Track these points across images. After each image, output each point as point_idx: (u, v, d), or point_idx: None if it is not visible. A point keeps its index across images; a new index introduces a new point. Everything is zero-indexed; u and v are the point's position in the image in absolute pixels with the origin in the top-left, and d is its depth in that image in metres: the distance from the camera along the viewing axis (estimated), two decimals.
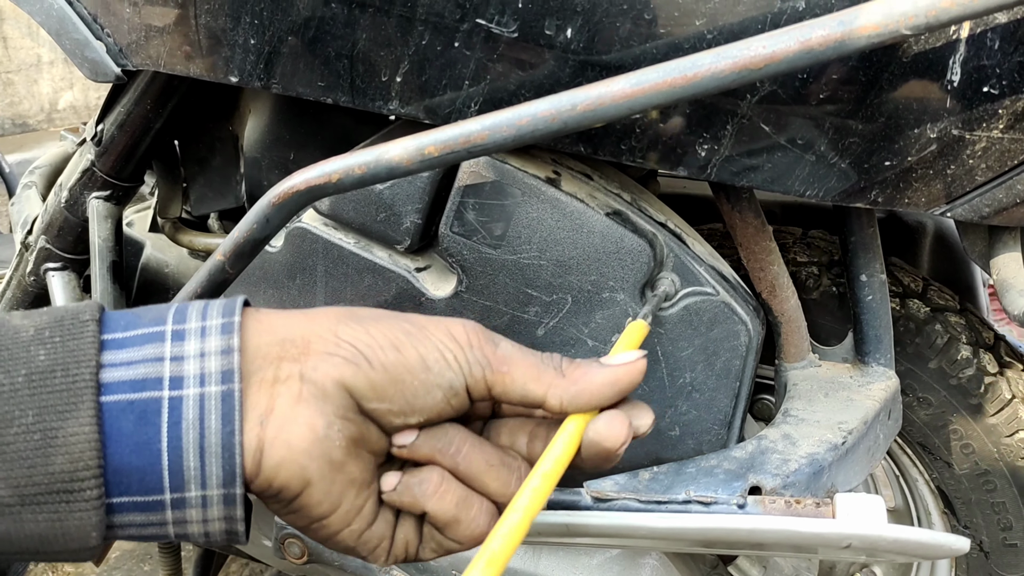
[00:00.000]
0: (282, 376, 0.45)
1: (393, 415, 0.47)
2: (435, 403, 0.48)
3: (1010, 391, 0.96)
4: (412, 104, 0.73)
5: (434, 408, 0.48)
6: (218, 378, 0.43)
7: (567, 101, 0.60)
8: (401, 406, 0.47)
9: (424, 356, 0.48)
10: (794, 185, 0.71)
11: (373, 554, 0.51)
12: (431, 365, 0.48)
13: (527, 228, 0.75)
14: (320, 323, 0.48)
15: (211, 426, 0.43)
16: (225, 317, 0.45)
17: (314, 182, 0.67)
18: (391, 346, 0.47)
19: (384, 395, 0.47)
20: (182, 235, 1.06)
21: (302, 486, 0.45)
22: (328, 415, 0.45)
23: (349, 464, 0.47)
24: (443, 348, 0.49)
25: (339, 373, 0.46)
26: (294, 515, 0.48)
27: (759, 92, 0.66)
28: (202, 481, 0.43)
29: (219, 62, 0.76)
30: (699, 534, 0.63)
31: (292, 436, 0.44)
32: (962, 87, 0.64)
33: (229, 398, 0.43)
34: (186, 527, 0.44)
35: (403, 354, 0.47)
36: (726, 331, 0.78)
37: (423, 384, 0.47)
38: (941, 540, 0.58)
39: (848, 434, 0.78)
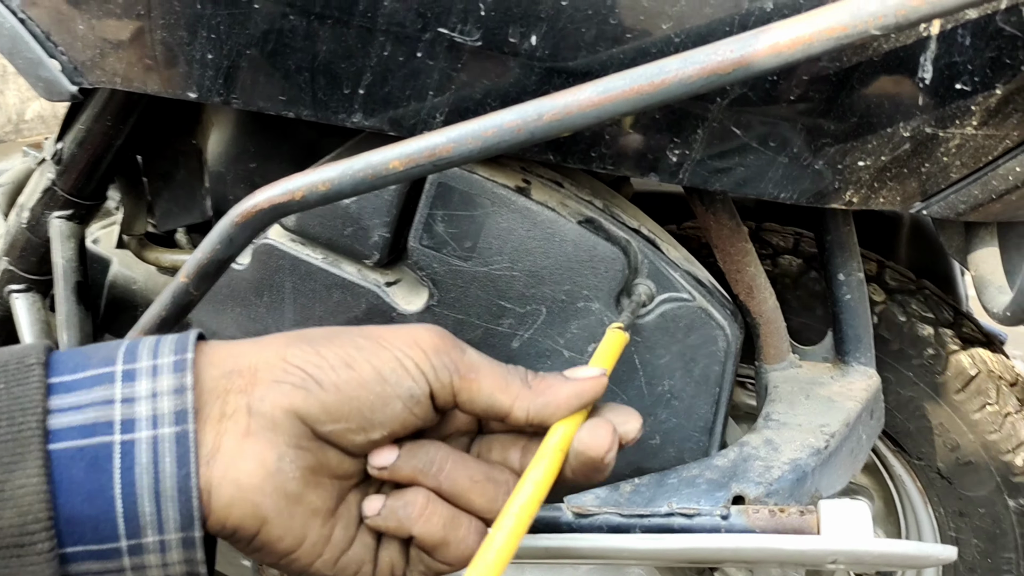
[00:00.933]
0: (228, 411, 0.44)
1: (352, 433, 0.46)
2: (396, 414, 0.46)
3: (975, 366, 0.95)
4: (376, 116, 0.71)
5: (396, 420, 0.46)
6: (171, 419, 0.42)
7: (533, 111, 0.59)
8: (359, 423, 0.46)
9: (379, 368, 0.46)
10: (768, 187, 0.69)
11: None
12: (387, 376, 0.46)
13: (498, 239, 0.73)
14: (268, 350, 0.46)
15: (166, 469, 0.41)
16: (177, 354, 0.43)
17: (277, 200, 0.65)
18: (343, 364, 0.46)
19: (339, 415, 0.45)
20: (148, 252, 1.04)
21: (258, 524, 0.44)
22: (279, 447, 0.44)
23: (308, 494, 0.45)
24: (402, 357, 0.47)
25: (288, 401, 0.44)
26: (259, 553, 0.46)
27: (729, 95, 0.65)
28: (159, 526, 0.41)
29: (177, 78, 0.74)
30: (682, 554, 0.62)
31: (240, 474, 0.43)
32: (934, 85, 0.63)
33: (184, 439, 0.41)
34: (145, 572, 0.42)
35: (356, 370, 0.46)
36: (704, 337, 0.76)
37: (379, 397, 0.46)
38: (928, 551, 0.57)
39: (831, 437, 0.77)
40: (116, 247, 1.10)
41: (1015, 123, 0.64)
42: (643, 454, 0.80)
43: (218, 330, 0.85)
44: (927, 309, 0.97)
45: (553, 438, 0.48)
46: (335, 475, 0.47)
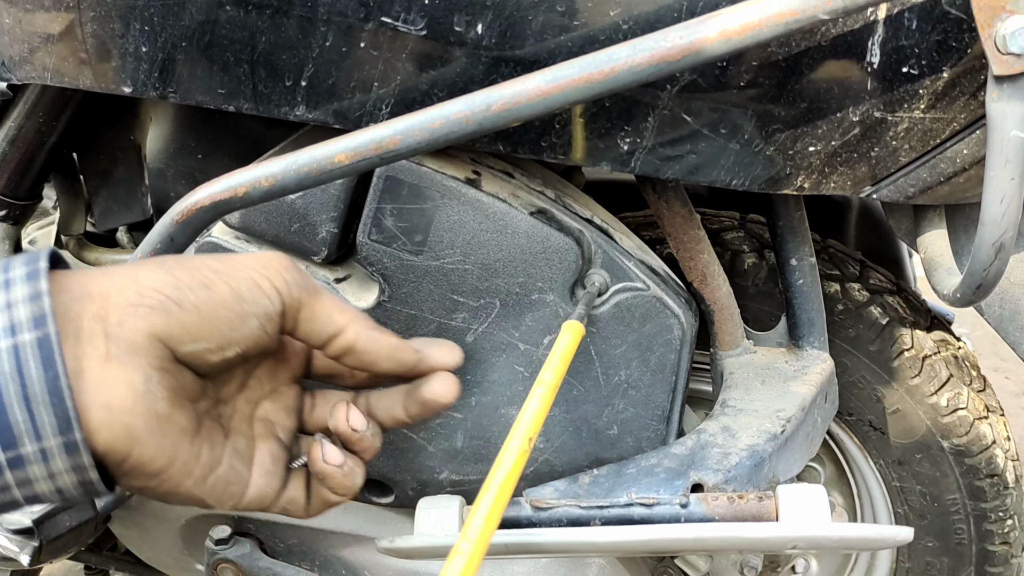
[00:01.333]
0: (84, 336, 0.43)
1: (210, 353, 0.47)
2: (251, 332, 0.48)
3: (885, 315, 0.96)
4: (320, 109, 0.69)
5: (251, 338, 0.48)
6: (30, 325, 0.41)
7: (481, 101, 0.58)
8: (218, 342, 0.47)
9: (236, 288, 0.48)
10: (719, 175, 0.69)
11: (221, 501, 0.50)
12: (244, 295, 0.48)
13: (449, 232, 0.72)
14: (119, 275, 0.46)
15: (32, 375, 0.40)
16: (29, 266, 0.43)
17: (219, 197, 0.63)
18: (200, 285, 0.47)
19: (200, 335, 0.46)
20: (88, 252, 1.01)
21: (129, 445, 0.44)
22: (144, 369, 0.44)
23: (175, 414, 0.46)
24: (258, 276, 0.49)
25: (148, 324, 0.44)
26: (127, 477, 0.46)
27: (679, 82, 0.64)
28: (35, 433, 0.41)
29: (110, 72, 0.71)
30: (642, 545, 0.62)
31: (111, 397, 0.42)
32: (882, 69, 0.63)
33: (46, 343, 0.41)
34: (32, 487, 0.42)
35: (214, 290, 0.47)
36: (659, 325, 0.76)
37: (238, 315, 0.47)
38: (885, 533, 0.57)
39: (787, 422, 0.77)
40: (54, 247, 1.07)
41: (961, 106, 0.65)
42: (601, 444, 0.80)
43: None
44: (832, 266, 0.98)
45: None
46: (191, 397, 0.48)
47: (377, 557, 0.93)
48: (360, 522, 0.94)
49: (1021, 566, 1.01)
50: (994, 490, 0.97)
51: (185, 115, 0.88)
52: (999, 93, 0.57)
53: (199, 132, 0.88)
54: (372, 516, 0.94)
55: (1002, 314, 0.81)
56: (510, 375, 0.77)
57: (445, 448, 0.81)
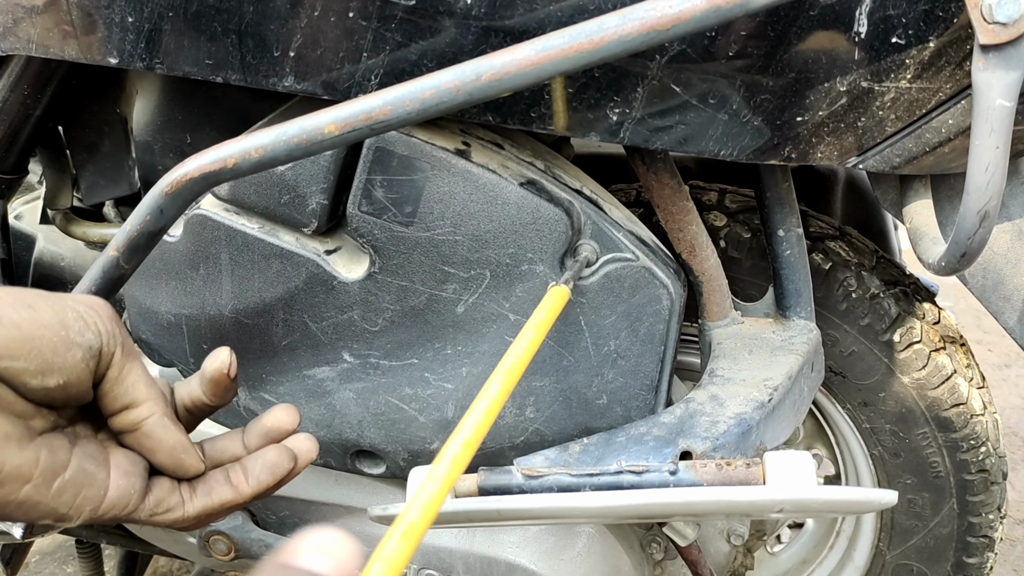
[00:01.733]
0: None
1: (30, 376, 0.46)
2: (75, 363, 0.47)
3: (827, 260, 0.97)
4: (309, 80, 0.69)
5: (74, 369, 0.47)
6: None
7: (471, 71, 0.58)
8: (38, 364, 0.46)
9: (61, 315, 0.47)
10: (708, 145, 0.69)
11: (75, 508, 0.49)
12: (70, 324, 0.47)
13: (439, 203, 0.72)
14: None
15: None
16: None
17: (208, 168, 0.63)
18: (23, 305, 0.46)
19: (18, 353, 0.45)
20: (75, 226, 1.00)
21: None
22: None
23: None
24: (84, 312, 0.48)
25: None
26: None
27: (668, 52, 0.64)
28: None
29: (96, 43, 0.71)
30: (632, 510, 0.63)
31: None
32: (869, 38, 0.63)
33: None
34: None
35: (37, 311, 0.46)
36: (648, 296, 0.77)
37: (62, 341, 0.46)
38: (871, 496, 0.58)
39: (774, 391, 0.78)
40: (41, 222, 1.06)
41: (947, 76, 0.65)
42: (591, 414, 0.80)
43: (153, 305, 0.82)
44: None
45: None
46: (15, 412, 0.47)
47: (369, 528, 0.94)
48: (352, 493, 0.95)
49: (1003, 492, 1.02)
50: (961, 419, 0.98)
51: (172, 87, 0.87)
52: (985, 62, 0.58)
53: (186, 105, 0.87)
54: (363, 487, 0.95)
55: (985, 284, 0.82)
56: (500, 345, 0.77)
57: (436, 418, 0.81)
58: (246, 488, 0.57)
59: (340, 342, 0.79)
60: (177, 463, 0.54)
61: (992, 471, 1.00)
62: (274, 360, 0.82)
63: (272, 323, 0.79)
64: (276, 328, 0.80)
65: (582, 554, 0.88)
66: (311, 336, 0.79)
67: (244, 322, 0.80)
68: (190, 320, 0.81)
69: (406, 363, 0.79)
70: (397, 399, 0.81)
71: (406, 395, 0.81)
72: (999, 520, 1.03)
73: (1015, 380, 2.44)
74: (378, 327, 0.78)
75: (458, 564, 0.90)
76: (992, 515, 1.02)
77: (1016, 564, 1.69)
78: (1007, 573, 1.67)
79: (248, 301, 0.78)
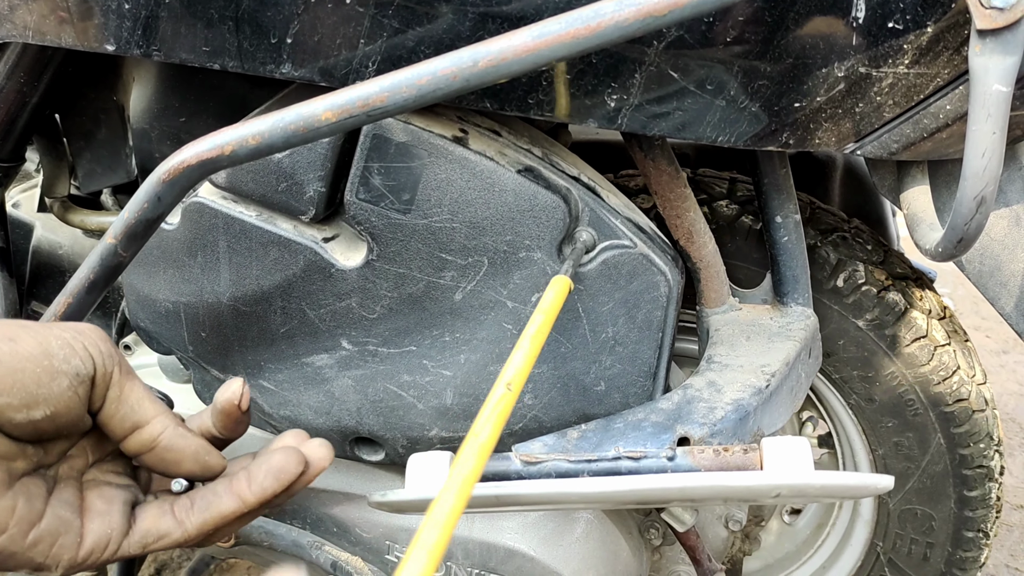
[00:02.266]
0: None
1: (13, 410, 0.45)
2: (61, 392, 0.46)
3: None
4: (306, 66, 0.69)
5: (60, 398, 0.46)
6: None
7: (468, 58, 0.58)
8: (22, 398, 0.45)
9: (45, 344, 0.46)
10: (706, 131, 0.69)
11: (52, 557, 0.47)
12: (54, 352, 0.46)
13: (437, 190, 0.72)
14: None
15: None
16: None
17: (206, 156, 0.63)
18: (4, 338, 0.45)
19: (1, 388, 0.44)
20: (73, 214, 1.00)
21: None
22: None
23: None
24: (71, 338, 0.47)
25: None
26: None
27: (666, 38, 0.64)
28: None
29: (93, 30, 0.71)
30: (629, 496, 0.63)
31: None
32: (867, 24, 0.63)
33: None
34: None
35: (19, 344, 0.45)
36: (646, 283, 0.77)
37: (46, 371, 0.45)
38: (867, 481, 0.58)
39: (771, 377, 0.78)
40: (38, 211, 1.06)
41: (945, 61, 0.65)
42: (589, 400, 0.81)
43: (151, 293, 0.83)
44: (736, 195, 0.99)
45: None
46: (0, 454, 0.46)
47: (367, 514, 0.94)
48: (351, 480, 0.95)
49: (991, 421, 1.01)
50: (925, 352, 0.97)
51: (169, 75, 0.87)
52: (982, 47, 0.58)
53: (183, 92, 0.87)
54: (362, 474, 0.95)
55: (982, 270, 0.82)
56: (498, 332, 0.77)
57: (435, 405, 0.82)
58: (249, 496, 0.53)
59: (338, 329, 0.79)
60: (204, 467, 0.53)
61: (971, 399, 0.99)
62: (272, 348, 0.82)
63: (270, 311, 0.79)
64: (274, 316, 0.80)
65: (580, 540, 0.89)
66: (309, 324, 0.79)
67: (242, 310, 0.80)
68: (188, 308, 0.81)
69: (404, 350, 0.80)
70: (395, 386, 0.81)
71: (404, 382, 0.81)
72: (994, 449, 1.03)
73: (1012, 367, 2.44)
74: (376, 314, 0.78)
75: (457, 550, 0.90)
76: (983, 444, 1.01)
77: (1013, 549, 1.70)
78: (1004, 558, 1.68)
79: (246, 289, 0.78)
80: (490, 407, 0.50)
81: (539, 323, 0.60)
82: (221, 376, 0.85)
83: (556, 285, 0.67)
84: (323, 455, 0.58)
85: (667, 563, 1.02)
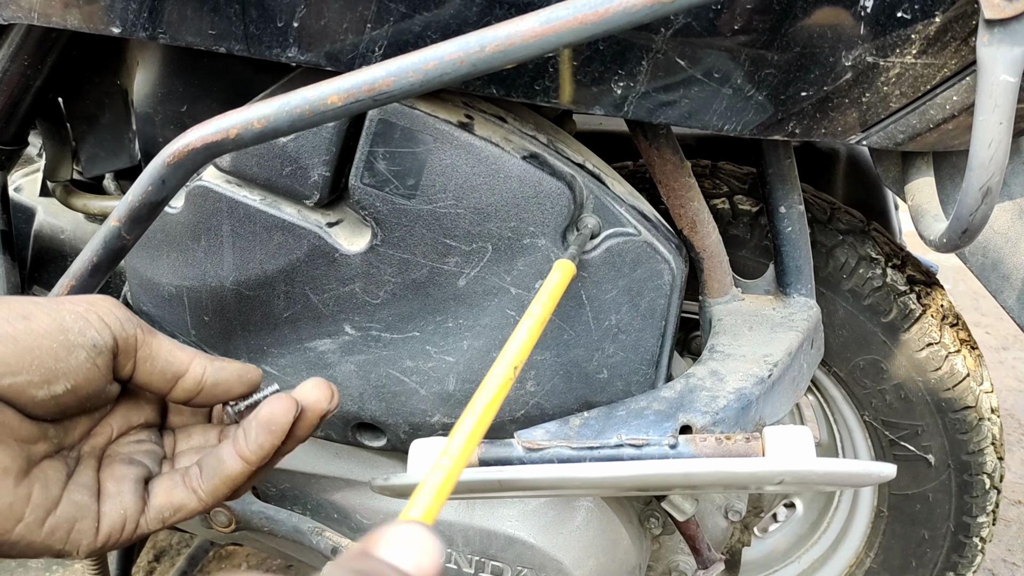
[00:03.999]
0: None
1: (34, 387, 0.44)
2: (79, 364, 0.46)
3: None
4: (312, 51, 0.69)
5: (79, 371, 0.46)
6: None
7: (475, 42, 0.57)
8: (41, 374, 0.45)
9: (59, 319, 0.46)
10: (712, 120, 0.69)
11: (71, 543, 0.47)
12: (69, 326, 0.46)
13: (441, 176, 0.72)
14: None
15: None
16: None
17: (211, 139, 0.63)
18: (18, 316, 0.45)
19: (18, 367, 0.44)
20: (75, 199, 1.00)
21: None
22: None
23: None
24: (85, 311, 0.47)
25: None
26: None
27: (673, 25, 0.64)
28: None
29: (98, 12, 0.70)
30: (632, 481, 0.63)
31: None
32: (875, 13, 0.63)
33: None
34: None
35: (33, 321, 0.45)
36: (649, 271, 0.77)
37: (62, 345, 0.45)
38: (870, 469, 0.58)
39: (774, 366, 0.78)
40: (40, 195, 1.06)
41: (952, 51, 0.65)
42: (591, 387, 0.81)
43: (154, 277, 0.83)
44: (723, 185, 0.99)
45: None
46: (18, 437, 0.45)
47: (368, 500, 0.94)
48: (352, 466, 0.95)
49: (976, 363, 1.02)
50: (900, 317, 0.98)
51: (173, 58, 0.87)
52: (990, 37, 0.58)
53: (187, 76, 0.87)
54: (364, 460, 0.95)
55: (984, 263, 0.82)
56: (501, 319, 0.77)
57: (437, 391, 0.82)
58: (250, 455, 0.52)
59: (341, 314, 0.79)
60: (250, 384, 0.53)
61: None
62: (275, 332, 0.82)
63: (273, 295, 0.79)
64: (277, 300, 0.80)
65: (581, 528, 0.89)
66: (312, 308, 0.79)
67: (245, 294, 0.80)
68: (191, 292, 0.81)
69: (407, 336, 0.80)
70: (398, 372, 0.81)
71: (407, 368, 0.81)
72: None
73: (1012, 363, 2.45)
74: (379, 300, 0.78)
75: (457, 537, 0.91)
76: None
77: (1011, 544, 1.71)
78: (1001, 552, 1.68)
79: (250, 273, 0.78)
80: (493, 386, 0.51)
81: (542, 304, 0.60)
82: None
83: (560, 269, 0.67)
84: (317, 396, 0.55)
85: (667, 552, 1.02)
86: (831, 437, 1.15)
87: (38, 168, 1.09)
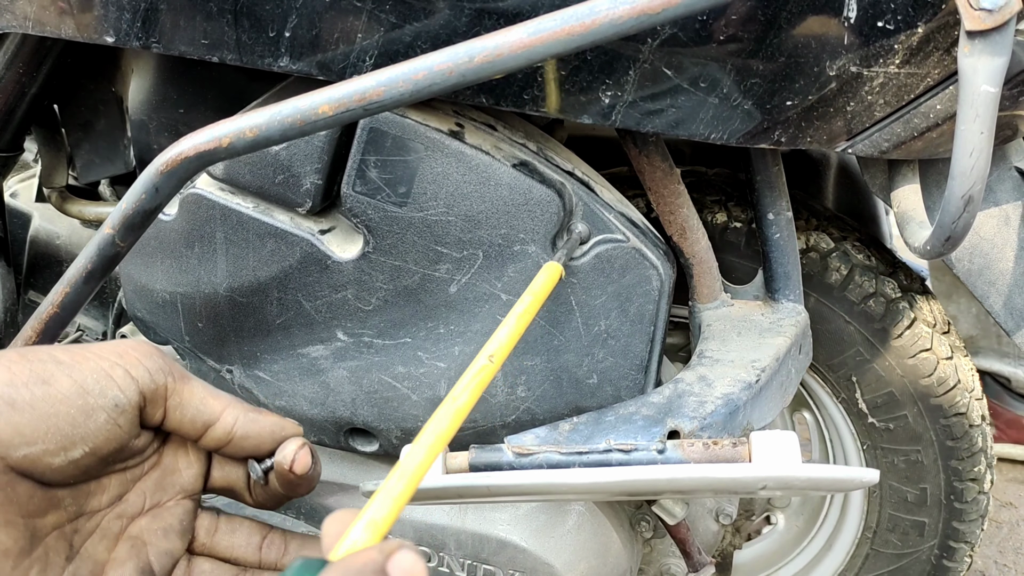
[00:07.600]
0: None
1: (51, 456, 0.42)
2: (99, 427, 0.44)
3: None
4: (304, 60, 0.69)
5: (99, 433, 0.44)
6: None
7: (464, 53, 0.58)
8: (59, 442, 0.42)
9: (81, 381, 0.43)
10: (699, 128, 0.70)
11: None
12: (90, 388, 0.43)
13: (433, 184, 0.73)
14: None
15: None
16: None
17: (203, 147, 0.64)
18: (38, 380, 0.42)
19: (35, 436, 0.41)
20: (71, 205, 1.01)
21: None
22: None
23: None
24: (109, 366, 0.45)
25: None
26: None
27: (660, 36, 0.65)
28: None
29: (93, 21, 0.71)
30: (620, 487, 0.64)
31: None
32: (859, 23, 0.64)
33: None
34: None
35: (53, 385, 0.42)
36: (638, 277, 0.78)
37: (80, 410, 0.43)
38: (853, 475, 0.59)
39: (761, 372, 0.79)
40: (36, 201, 1.07)
41: (935, 62, 0.66)
42: (581, 393, 0.82)
43: (148, 283, 0.83)
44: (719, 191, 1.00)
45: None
46: (27, 512, 0.43)
47: (361, 505, 0.95)
48: (344, 471, 0.96)
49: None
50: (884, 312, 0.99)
51: (167, 66, 0.88)
52: (970, 48, 0.58)
53: (181, 84, 0.88)
54: (356, 465, 0.96)
55: (971, 268, 0.83)
56: (492, 325, 0.78)
57: (429, 397, 0.82)
58: None
59: (334, 321, 0.80)
60: (280, 441, 0.51)
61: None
62: (268, 339, 0.82)
63: (266, 302, 0.80)
64: (270, 307, 0.80)
65: (572, 531, 0.90)
66: (305, 315, 0.80)
67: (238, 300, 0.80)
68: (185, 298, 0.82)
69: (399, 342, 0.80)
70: (390, 377, 0.82)
71: (399, 373, 0.82)
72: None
73: None
74: (372, 306, 0.79)
75: (450, 541, 0.91)
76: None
77: (1002, 545, 1.72)
78: (993, 554, 1.69)
79: (243, 280, 0.79)
80: (470, 375, 0.51)
81: (527, 303, 0.61)
82: (217, 366, 0.86)
83: (547, 270, 0.67)
84: None
85: (658, 556, 1.03)
86: (822, 444, 1.16)
87: (34, 174, 1.10)
